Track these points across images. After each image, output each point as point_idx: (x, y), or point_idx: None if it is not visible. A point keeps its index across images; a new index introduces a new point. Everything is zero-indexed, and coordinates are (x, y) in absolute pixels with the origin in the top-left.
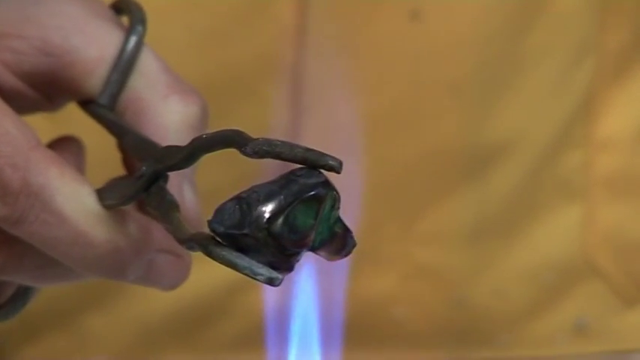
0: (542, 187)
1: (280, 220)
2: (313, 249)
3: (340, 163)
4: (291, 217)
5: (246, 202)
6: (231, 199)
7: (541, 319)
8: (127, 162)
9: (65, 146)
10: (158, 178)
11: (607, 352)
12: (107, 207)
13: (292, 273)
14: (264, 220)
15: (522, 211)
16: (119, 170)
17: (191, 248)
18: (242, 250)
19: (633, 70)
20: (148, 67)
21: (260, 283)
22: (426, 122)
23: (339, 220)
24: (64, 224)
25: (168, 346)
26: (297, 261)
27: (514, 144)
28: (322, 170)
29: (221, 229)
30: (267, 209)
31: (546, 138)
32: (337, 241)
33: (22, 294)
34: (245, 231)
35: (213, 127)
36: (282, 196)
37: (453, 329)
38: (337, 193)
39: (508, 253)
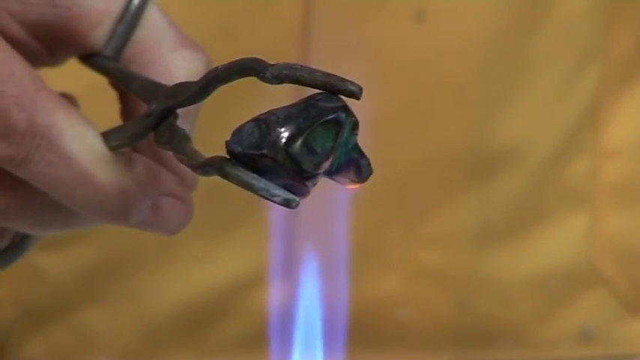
0: (548, 194)
1: (299, 142)
2: (330, 174)
3: (360, 89)
4: (310, 139)
5: (265, 123)
6: (250, 121)
7: (545, 325)
8: (125, 114)
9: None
10: (167, 115)
11: (611, 357)
12: (113, 148)
13: (296, 276)
14: (283, 140)
15: (528, 216)
16: None
17: (207, 172)
18: (258, 171)
19: None
20: (156, 21)
21: (263, 285)
22: (431, 124)
23: (356, 146)
24: (70, 165)
25: (172, 346)
26: (314, 185)
27: (519, 148)
28: (342, 96)
29: (239, 149)
30: (287, 130)
31: (552, 144)
32: (354, 167)
33: (20, 243)
34: (263, 151)
35: (217, 123)
36: (301, 119)
37: (456, 332)
38: (356, 119)
39: (513, 258)
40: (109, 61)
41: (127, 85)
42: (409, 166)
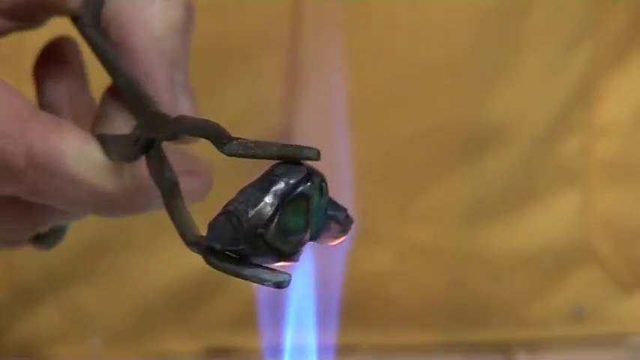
0: (541, 171)
1: (273, 228)
2: (312, 239)
3: (317, 152)
4: (282, 222)
5: (235, 215)
6: (221, 214)
7: (537, 303)
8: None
9: (60, 50)
10: (152, 145)
11: (603, 336)
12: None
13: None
14: (257, 232)
15: (520, 194)
16: None
17: (194, 251)
18: (245, 257)
19: (633, 53)
20: None
21: None
22: (422, 101)
23: (329, 204)
24: (79, 184)
25: (163, 326)
26: (301, 253)
27: (512, 126)
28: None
29: (219, 247)
30: (258, 220)
31: (545, 121)
32: (334, 225)
33: (59, 227)
34: (241, 247)
35: (211, 100)
36: (269, 203)
37: (448, 309)
38: (323, 179)
39: (505, 235)
40: (93, 30)
41: (113, 75)
42: (400, 144)
